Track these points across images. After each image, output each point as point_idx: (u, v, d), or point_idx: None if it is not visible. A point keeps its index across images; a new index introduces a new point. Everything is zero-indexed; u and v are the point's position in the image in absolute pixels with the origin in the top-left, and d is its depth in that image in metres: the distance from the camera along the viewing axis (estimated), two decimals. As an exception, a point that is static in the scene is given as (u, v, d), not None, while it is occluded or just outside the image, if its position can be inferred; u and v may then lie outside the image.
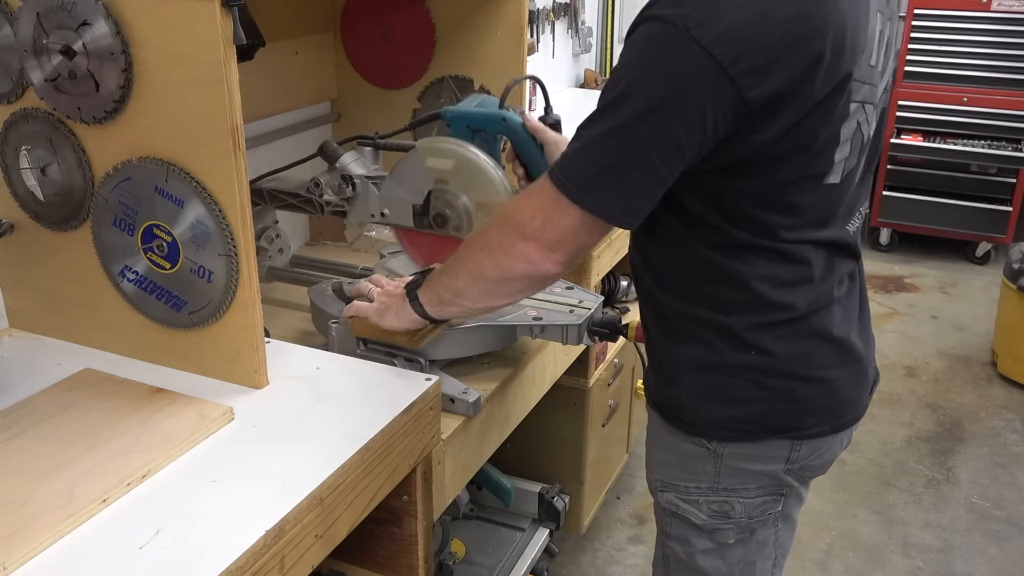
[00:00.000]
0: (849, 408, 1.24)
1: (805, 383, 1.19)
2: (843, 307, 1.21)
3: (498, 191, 1.41)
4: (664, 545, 1.36)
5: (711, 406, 1.20)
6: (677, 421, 1.25)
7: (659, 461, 1.32)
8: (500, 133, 1.46)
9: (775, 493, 1.25)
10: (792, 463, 1.23)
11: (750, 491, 1.24)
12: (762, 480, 1.24)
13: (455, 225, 1.46)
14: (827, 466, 1.30)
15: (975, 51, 4.33)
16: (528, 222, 1.07)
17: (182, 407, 1.14)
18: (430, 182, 1.45)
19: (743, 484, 1.24)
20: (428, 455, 1.25)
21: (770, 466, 1.23)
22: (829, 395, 1.21)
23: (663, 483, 1.31)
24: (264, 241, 1.69)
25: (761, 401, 1.19)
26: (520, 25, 1.79)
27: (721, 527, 1.27)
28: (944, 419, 3.22)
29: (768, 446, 1.22)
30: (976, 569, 2.46)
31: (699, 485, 1.25)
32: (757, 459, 1.23)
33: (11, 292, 1.38)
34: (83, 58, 1.11)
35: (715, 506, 1.26)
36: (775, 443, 1.21)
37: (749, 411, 1.20)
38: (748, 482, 1.24)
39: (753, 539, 1.29)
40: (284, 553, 0.95)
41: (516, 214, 1.10)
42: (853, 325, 1.23)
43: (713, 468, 1.23)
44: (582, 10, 3.70)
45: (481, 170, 1.41)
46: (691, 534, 1.30)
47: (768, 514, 1.27)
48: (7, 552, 0.87)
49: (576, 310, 1.52)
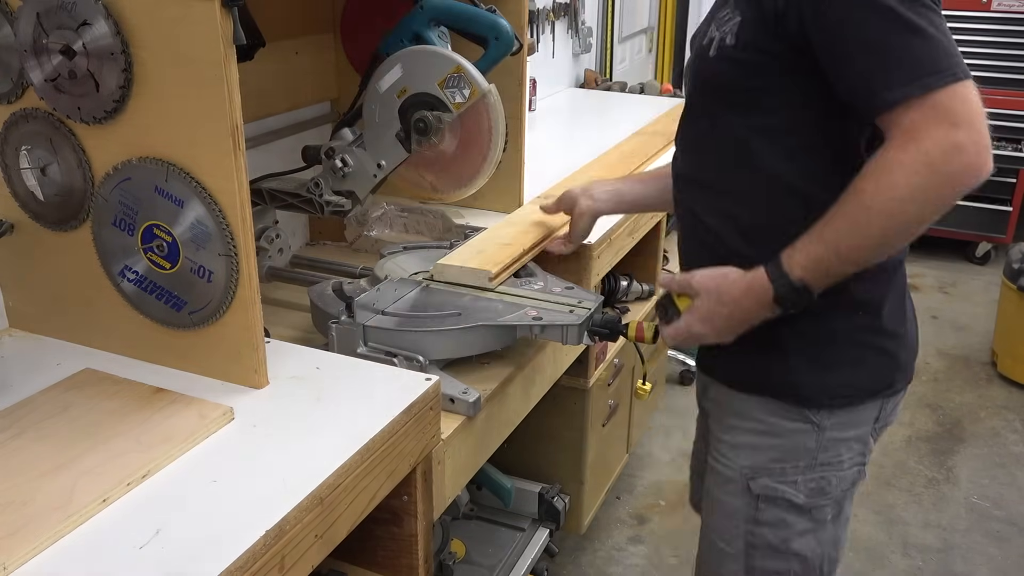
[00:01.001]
0: (915, 359, 1.29)
1: (896, 339, 1.23)
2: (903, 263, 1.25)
3: (451, 60, 1.46)
4: (750, 534, 1.31)
5: (819, 374, 1.19)
6: (780, 395, 1.22)
7: (747, 447, 1.28)
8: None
9: (861, 463, 1.27)
10: (878, 422, 1.25)
11: (844, 463, 1.25)
12: (853, 448, 1.25)
13: (437, 118, 1.48)
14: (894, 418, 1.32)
15: (975, 51, 4.32)
16: (951, 139, 0.98)
17: (182, 407, 1.14)
18: (394, 101, 1.47)
19: (838, 456, 1.24)
20: (428, 455, 1.25)
21: (861, 430, 1.24)
22: (909, 349, 1.26)
23: (753, 469, 1.27)
24: (264, 241, 1.69)
25: (864, 363, 1.20)
26: (520, 25, 1.79)
27: (820, 504, 1.26)
28: (944, 419, 3.22)
29: (864, 410, 1.23)
30: (976, 569, 2.46)
31: (797, 464, 1.24)
32: (853, 425, 1.23)
33: (11, 292, 1.38)
34: (83, 58, 1.11)
35: (812, 484, 1.25)
36: (870, 405, 1.23)
37: (854, 375, 1.20)
38: (843, 454, 1.24)
39: (842, 515, 1.30)
40: (284, 553, 0.95)
41: (930, 148, 0.99)
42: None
43: (815, 443, 1.22)
44: (582, 10, 3.70)
45: (425, 52, 1.45)
46: (789, 516, 1.27)
47: (855, 485, 1.28)
48: (7, 552, 0.87)
49: (576, 310, 1.52)
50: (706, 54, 1.20)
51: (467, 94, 1.49)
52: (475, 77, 1.49)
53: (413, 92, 1.48)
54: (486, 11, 1.54)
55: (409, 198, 1.97)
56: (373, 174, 1.58)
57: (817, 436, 1.22)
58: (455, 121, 1.52)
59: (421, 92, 1.48)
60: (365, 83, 1.59)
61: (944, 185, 1.01)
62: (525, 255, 1.65)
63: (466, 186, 1.65)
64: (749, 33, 1.14)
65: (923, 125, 0.99)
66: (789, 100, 1.15)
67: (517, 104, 1.88)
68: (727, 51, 1.17)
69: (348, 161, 1.57)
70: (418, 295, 1.54)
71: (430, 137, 1.50)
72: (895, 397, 1.27)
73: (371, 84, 1.51)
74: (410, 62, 1.47)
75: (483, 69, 1.53)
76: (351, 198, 1.62)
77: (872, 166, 1.04)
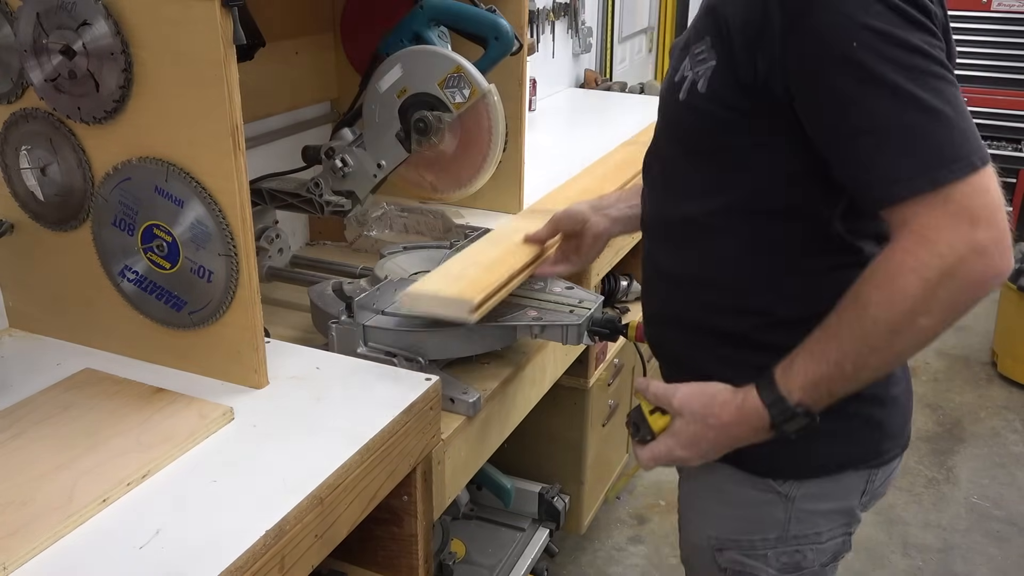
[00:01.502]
0: (909, 423, 1.16)
1: (882, 405, 1.11)
2: None
3: (451, 60, 1.45)
4: None
5: (786, 445, 1.01)
6: (743, 464, 1.10)
7: (713, 516, 1.18)
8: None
9: (844, 533, 1.15)
10: (865, 495, 1.13)
11: (822, 535, 1.13)
12: (834, 521, 1.13)
13: (437, 118, 1.47)
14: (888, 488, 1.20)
15: (975, 51, 4.32)
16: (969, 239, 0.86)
17: (182, 407, 1.14)
18: (394, 101, 1.47)
19: (815, 529, 1.12)
20: (428, 455, 1.25)
21: (845, 503, 1.12)
22: (901, 413, 1.14)
23: (721, 540, 1.17)
24: (264, 241, 1.69)
25: (841, 433, 1.07)
26: (520, 25, 1.78)
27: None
28: (944, 419, 3.22)
29: (844, 480, 1.11)
30: (976, 569, 2.46)
31: (766, 537, 1.13)
32: (831, 497, 1.11)
33: (11, 292, 1.38)
34: (83, 58, 1.11)
35: (785, 558, 1.14)
36: (852, 476, 1.11)
37: (829, 445, 1.07)
38: (820, 525, 1.12)
39: None
40: (284, 553, 0.95)
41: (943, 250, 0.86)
42: None
43: (783, 515, 1.11)
44: (582, 10, 3.70)
45: (425, 52, 1.45)
46: None
47: (838, 557, 1.16)
48: (7, 552, 0.87)
49: (576, 310, 1.52)
50: (675, 95, 1.07)
51: (467, 94, 1.49)
52: (475, 77, 1.49)
53: (413, 92, 1.49)
54: (486, 11, 1.54)
55: (409, 198, 1.97)
56: (373, 174, 1.58)
57: (785, 507, 1.11)
58: (455, 121, 1.52)
59: (421, 92, 1.49)
60: (365, 83, 1.59)
61: (962, 292, 0.87)
62: (513, 280, 1.42)
63: (466, 186, 1.65)
64: (721, 83, 1.00)
65: (936, 225, 0.87)
66: (756, 163, 1.03)
67: (517, 104, 1.88)
68: (696, 99, 1.03)
69: (348, 161, 1.57)
70: (418, 295, 1.53)
71: (430, 137, 1.50)
72: (886, 467, 1.14)
73: (371, 84, 1.51)
74: (410, 62, 1.47)
75: (483, 69, 1.53)
76: (351, 198, 1.62)
77: (878, 270, 0.91)
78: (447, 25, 1.57)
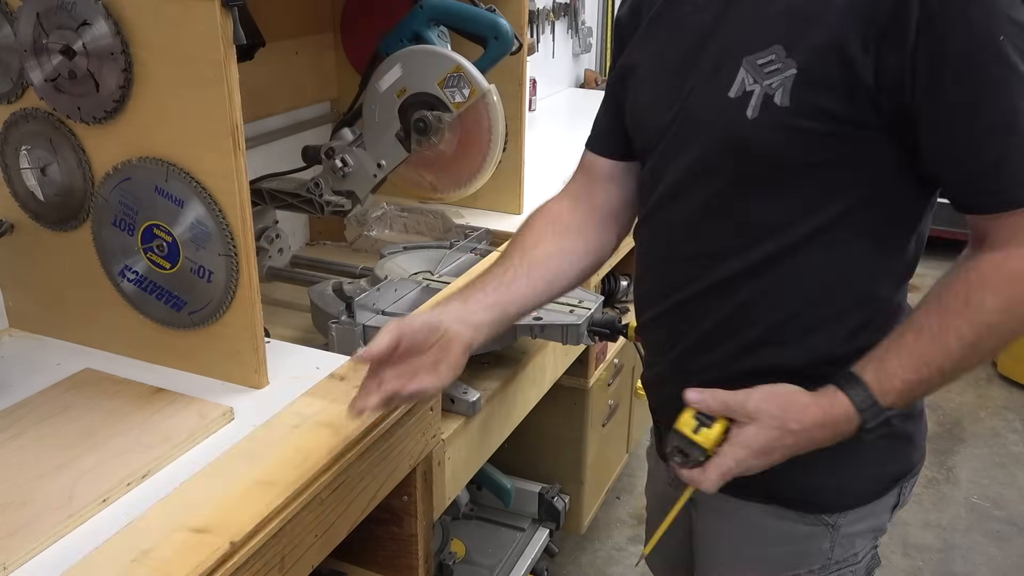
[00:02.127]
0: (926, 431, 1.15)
1: (914, 419, 1.08)
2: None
3: (450, 59, 1.44)
4: None
5: (836, 475, 1.02)
6: (791, 504, 1.07)
7: (753, 558, 1.12)
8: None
9: (874, 547, 1.14)
10: (896, 508, 1.13)
11: (859, 556, 1.11)
12: (868, 539, 1.11)
13: (437, 118, 1.47)
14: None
15: (975, 51, 4.32)
16: None
17: (182, 407, 1.14)
18: (394, 101, 1.46)
19: (852, 551, 1.10)
20: (428, 455, 1.25)
21: (879, 520, 1.11)
22: (924, 423, 1.12)
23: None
24: (264, 241, 1.69)
25: (884, 453, 1.05)
26: (520, 25, 1.79)
27: None
28: (944, 419, 3.22)
29: (884, 499, 1.09)
30: (976, 569, 2.46)
31: (811, 568, 1.10)
32: (871, 517, 1.09)
33: (11, 292, 1.38)
34: (83, 58, 1.11)
35: None
36: (891, 494, 1.10)
37: (875, 469, 1.06)
38: (857, 546, 1.10)
39: None
40: (284, 553, 0.95)
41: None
42: None
43: (829, 544, 1.08)
44: (582, 10, 3.70)
45: (425, 52, 1.44)
46: None
47: (872, 572, 1.15)
48: (7, 552, 0.87)
49: (576, 310, 1.52)
50: (740, 113, 0.93)
51: (467, 94, 1.49)
52: (475, 77, 1.49)
53: (413, 92, 1.49)
54: (486, 11, 1.54)
55: (409, 198, 1.97)
56: (373, 174, 1.58)
57: (831, 536, 1.08)
58: (455, 121, 1.52)
59: (421, 92, 1.49)
60: (365, 83, 1.59)
61: None
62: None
63: (466, 186, 1.65)
64: (810, 90, 0.90)
65: None
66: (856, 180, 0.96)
67: (517, 104, 1.88)
68: (778, 114, 0.91)
69: (348, 161, 1.57)
70: (418, 295, 1.54)
71: (430, 137, 1.50)
72: (914, 479, 1.13)
73: (371, 84, 1.51)
74: (410, 62, 1.47)
75: (483, 69, 1.53)
76: (351, 198, 1.62)
77: (991, 275, 0.91)
78: (447, 25, 1.57)
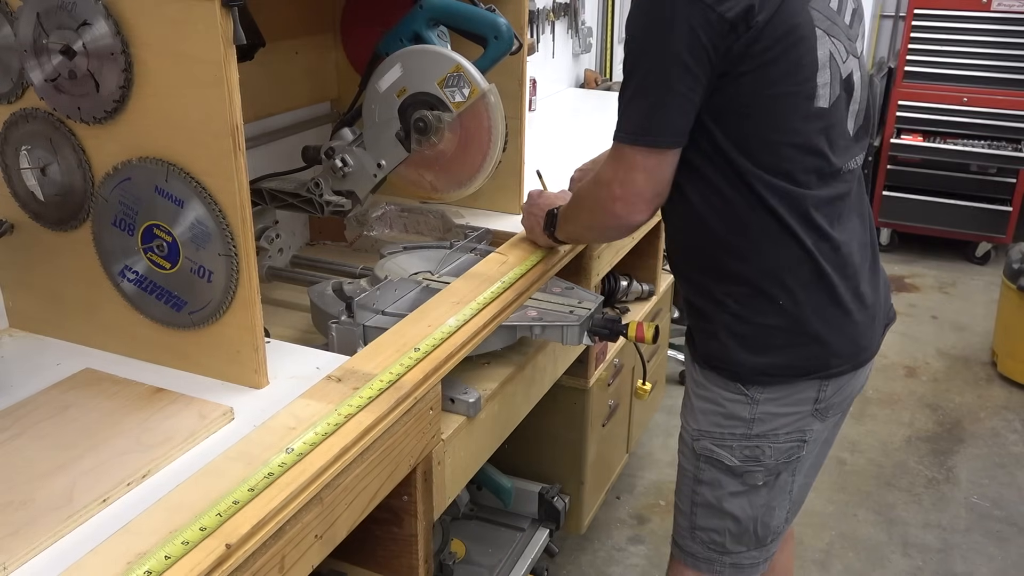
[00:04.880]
0: (866, 349, 1.40)
1: (827, 325, 1.33)
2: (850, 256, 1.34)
3: (450, 59, 1.44)
4: (694, 493, 1.47)
5: (748, 355, 1.34)
6: (720, 371, 1.38)
7: (697, 411, 1.44)
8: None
9: (799, 440, 1.39)
10: (819, 403, 1.37)
11: (779, 436, 1.38)
12: (791, 424, 1.37)
13: (437, 118, 1.47)
14: (848, 402, 1.45)
15: (975, 51, 4.32)
16: (610, 183, 1.28)
17: (182, 407, 1.14)
18: (393, 101, 1.46)
19: (773, 430, 1.37)
20: (428, 455, 1.25)
21: (799, 408, 1.37)
22: (848, 333, 1.36)
23: (699, 432, 1.43)
24: (264, 241, 1.69)
25: (788, 348, 1.33)
26: (520, 25, 1.78)
27: (752, 470, 1.41)
28: (944, 419, 3.22)
29: (799, 388, 1.35)
30: (976, 569, 2.46)
31: (733, 431, 1.39)
32: (788, 402, 1.36)
33: (11, 292, 1.38)
34: (83, 58, 1.11)
35: (747, 451, 1.39)
36: (805, 385, 1.35)
37: (781, 358, 1.34)
38: (778, 427, 1.37)
39: (777, 483, 1.43)
40: (284, 553, 0.95)
41: (602, 177, 1.30)
42: (865, 268, 1.37)
43: (748, 414, 1.37)
44: (582, 10, 3.70)
45: (424, 51, 1.44)
46: (723, 477, 1.43)
47: (793, 458, 1.41)
48: (7, 552, 0.87)
49: (576, 310, 1.52)
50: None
51: (467, 93, 1.49)
52: (475, 76, 1.49)
53: (413, 91, 1.48)
54: (485, 10, 1.54)
55: (409, 198, 1.97)
56: (373, 174, 1.58)
57: (751, 408, 1.37)
58: (455, 121, 1.52)
59: (421, 91, 1.48)
60: (365, 83, 1.59)
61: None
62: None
63: (466, 186, 1.65)
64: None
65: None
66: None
67: (517, 104, 1.88)
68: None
69: (348, 161, 1.57)
70: (418, 295, 1.54)
71: (430, 136, 1.50)
72: (836, 380, 1.37)
73: (371, 84, 1.51)
74: (410, 61, 1.47)
75: (483, 68, 1.53)
76: (351, 198, 1.62)
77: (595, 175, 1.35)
78: (446, 24, 1.56)
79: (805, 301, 1.31)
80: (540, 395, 1.69)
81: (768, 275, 1.31)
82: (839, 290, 1.32)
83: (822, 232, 1.29)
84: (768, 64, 1.20)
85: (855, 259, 1.35)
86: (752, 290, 1.32)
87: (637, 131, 1.24)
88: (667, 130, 1.23)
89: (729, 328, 1.35)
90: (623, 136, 1.26)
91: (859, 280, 1.36)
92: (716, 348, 1.38)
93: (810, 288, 1.31)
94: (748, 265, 1.32)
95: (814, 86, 1.23)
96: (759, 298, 1.32)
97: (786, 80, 1.22)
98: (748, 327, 1.34)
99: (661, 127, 1.23)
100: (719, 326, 1.37)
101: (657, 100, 1.21)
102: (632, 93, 1.25)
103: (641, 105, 1.24)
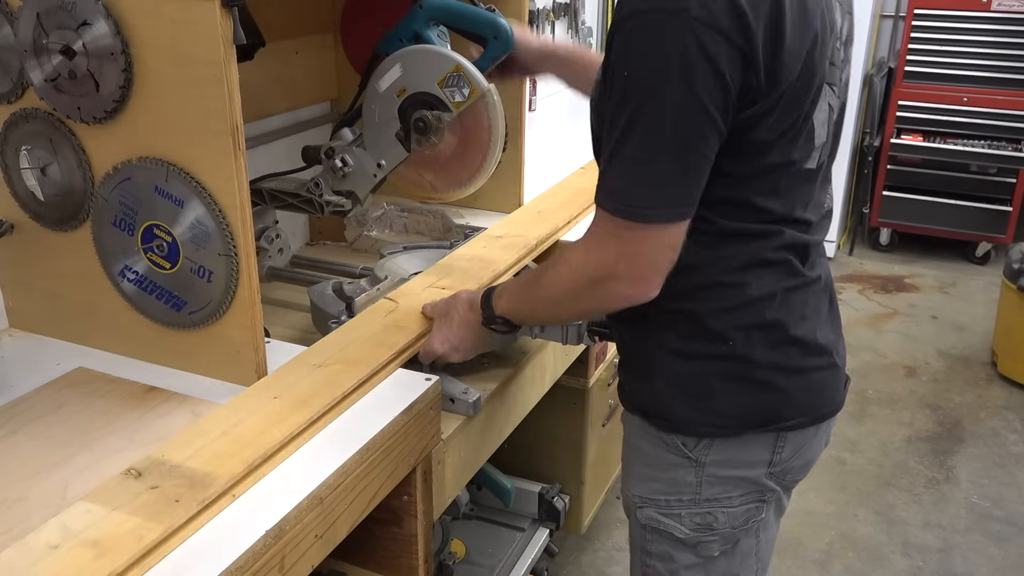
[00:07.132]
0: (826, 403, 1.22)
1: (787, 374, 1.17)
2: (808, 299, 1.18)
3: (450, 59, 1.46)
4: (644, 565, 1.31)
5: (686, 402, 1.17)
6: (654, 419, 1.21)
7: (637, 477, 1.28)
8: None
9: (758, 500, 1.23)
10: (774, 465, 1.21)
11: (733, 500, 1.22)
12: (744, 487, 1.21)
13: (437, 118, 1.47)
14: (808, 467, 1.27)
15: (975, 51, 4.32)
16: (611, 268, 1.05)
17: (175, 405, 1.14)
18: (393, 101, 1.47)
19: (726, 493, 1.21)
20: (428, 455, 1.25)
21: (753, 471, 1.21)
22: (810, 387, 1.20)
23: (642, 499, 1.27)
24: (264, 241, 1.69)
25: (732, 395, 1.16)
26: (520, 25, 1.78)
27: (705, 540, 1.24)
28: (944, 419, 3.22)
29: (748, 445, 1.19)
30: (976, 569, 2.46)
31: (680, 498, 1.23)
32: (739, 464, 1.20)
33: (11, 292, 1.38)
34: (83, 58, 1.11)
35: (698, 518, 1.23)
36: (757, 440, 1.19)
37: (725, 405, 1.17)
38: (731, 490, 1.21)
39: (737, 550, 1.26)
40: (284, 553, 0.95)
41: (592, 266, 1.07)
42: (822, 319, 1.21)
43: (695, 478, 1.21)
44: (582, 10, 3.70)
45: (424, 51, 1.45)
46: (674, 549, 1.26)
47: (752, 522, 1.24)
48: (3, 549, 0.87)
49: (576, 310, 1.51)
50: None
51: (467, 93, 1.49)
52: (475, 76, 1.49)
53: (413, 91, 1.48)
54: (485, 10, 1.54)
55: (409, 198, 1.97)
56: (373, 174, 1.58)
57: (696, 471, 1.20)
58: (455, 121, 1.52)
59: (421, 91, 1.48)
60: (365, 83, 1.59)
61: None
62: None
63: (466, 186, 1.64)
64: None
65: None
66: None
67: (517, 104, 1.88)
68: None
69: (348, 161, 1.57)
70: (418, 295, 1.54)
71: (430, 136, 1.50)
72: (791, 434, 1.20)
73: (371, 84, 1.51)
74: (409, 61, 1.47)
75: (483, 68, 1.53)
76: (351, 198, 1.62)
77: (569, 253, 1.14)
78: (446, 24, 1.56)
79: (757, 341, 1.15)
80: (540, 395, 1.69)
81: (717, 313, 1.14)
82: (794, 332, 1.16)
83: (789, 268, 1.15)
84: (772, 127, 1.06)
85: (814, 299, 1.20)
86: (696, 327, 1.15)
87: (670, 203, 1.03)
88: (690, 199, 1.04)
89: (666, 369, 1.18)
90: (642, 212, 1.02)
91: (816, 323, 1.20)
92: (650, 393, 1.21)
93: (763, 328, 1.15)
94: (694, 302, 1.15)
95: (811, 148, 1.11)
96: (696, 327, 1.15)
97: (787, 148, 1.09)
98: (688, 366, 1.16)
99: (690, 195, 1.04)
100: (655, 368, 1.20)
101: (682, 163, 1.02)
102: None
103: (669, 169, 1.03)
